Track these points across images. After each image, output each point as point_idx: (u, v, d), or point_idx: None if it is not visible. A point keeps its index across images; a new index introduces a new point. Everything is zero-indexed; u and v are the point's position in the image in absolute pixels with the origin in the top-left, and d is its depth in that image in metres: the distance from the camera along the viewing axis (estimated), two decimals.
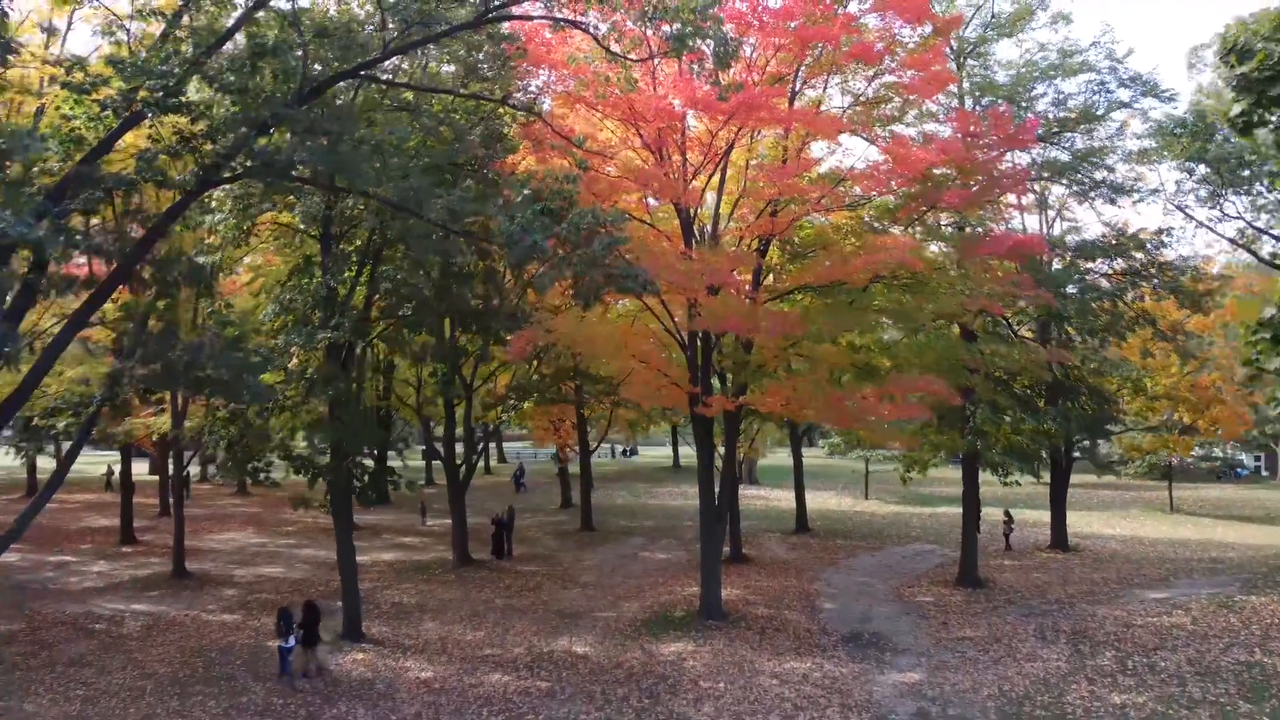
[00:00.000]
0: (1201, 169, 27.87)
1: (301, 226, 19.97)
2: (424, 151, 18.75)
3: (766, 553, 33.45)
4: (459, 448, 31.62)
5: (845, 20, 20.65)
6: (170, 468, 33.33)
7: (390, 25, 13.69)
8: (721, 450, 25.56)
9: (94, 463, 62.60)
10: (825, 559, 32.37)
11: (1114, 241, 25.49)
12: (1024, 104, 25.73)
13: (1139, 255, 24.90)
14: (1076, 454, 30.65)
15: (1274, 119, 14.56)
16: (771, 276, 23.48)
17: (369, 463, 23.39)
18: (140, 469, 55.09)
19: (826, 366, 21.05)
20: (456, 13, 13.68)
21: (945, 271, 19.76)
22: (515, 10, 14.68)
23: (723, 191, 22.77)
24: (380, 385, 38.92)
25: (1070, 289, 23.86)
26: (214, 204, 18.68)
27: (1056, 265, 27.17)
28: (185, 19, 14.99)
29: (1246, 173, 27.17)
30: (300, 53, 13.15)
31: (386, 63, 17.61)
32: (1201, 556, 32.02)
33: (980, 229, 22.19)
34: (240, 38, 15.23)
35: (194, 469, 55.62)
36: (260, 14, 13.94)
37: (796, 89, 22.71)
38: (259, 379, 15.05)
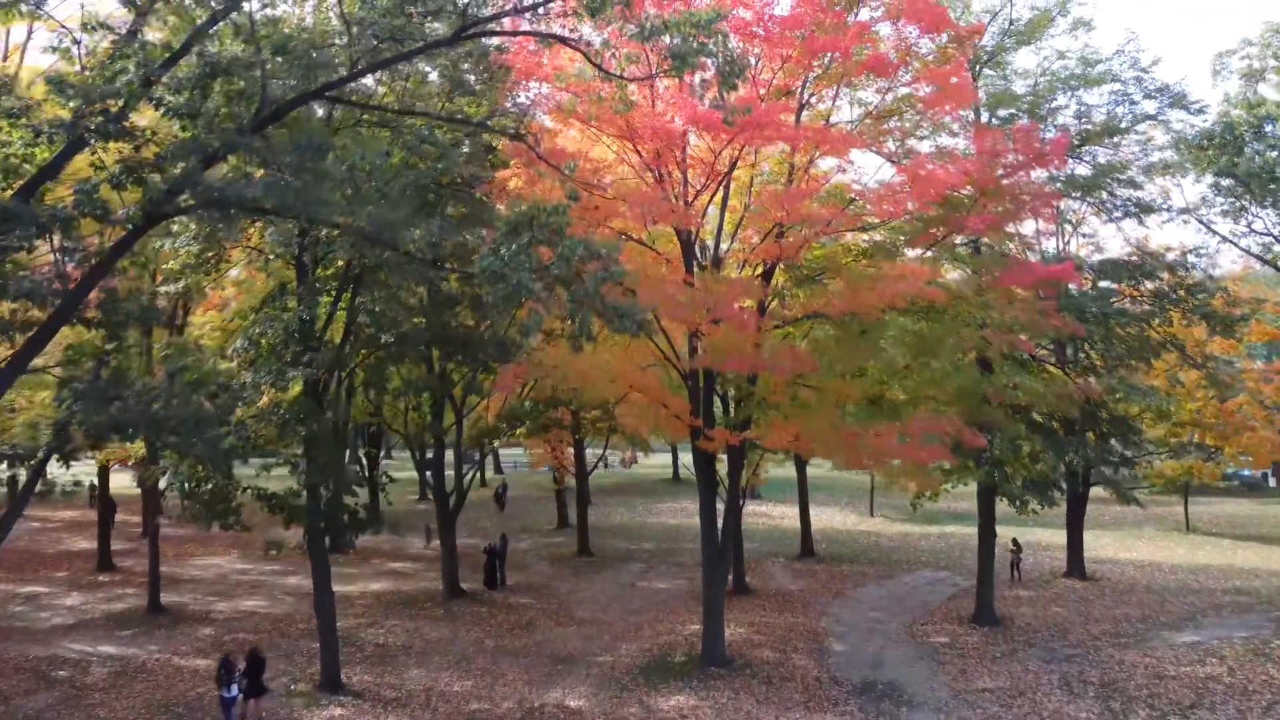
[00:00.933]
0: (1228, 182, 26.54)
1: (272, 255, 18.59)
2: (406, 171, 17.37)
3: (771, 582, 32.05)
4: (450, 462, 30.21)
5: (858, 29, 19.27)
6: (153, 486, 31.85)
7: (361, 41, 12.30)
8: (724, 468, 24.03)
9: (85, 474, 61.28)
10: (832, 589, 30.97)
11: (1139, 261, 24.07)
12: (1044, 115, 24.34)
13: (1165, 276, 23.47)
14: (1095, 482, 29.15)
15: None
16: (778, 301, 22.09)
17: (354, 494, 21.88)
18: (127, 480, 53.74)
19: (836, 397, 19.66)
20: (433, 27, 12.30)
21: (967, 300, 18.37)
22: (497, 26, 13.28)
23: (725, 209, 21.39)
24: (369, 405, 37.46)
25: (1092, 308, 22.37)
26: (176, 228, 17.28)
27: (1072, 286, 25.77)
28: (140, 33, 13.64)
29: (1274, 186, 25.79)
30: (259, 72, 11.73)
31: (364, 78, 16.23)
32: (1226, 587, 30.62)
33: (998, 249, 20.78)
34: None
35: None
36: (220, 26, 12.52)
37: (804, 100, 21.32)
38: (218, 431, 13.67)
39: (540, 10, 12.48)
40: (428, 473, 31.12)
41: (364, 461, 44.44)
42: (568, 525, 44.25)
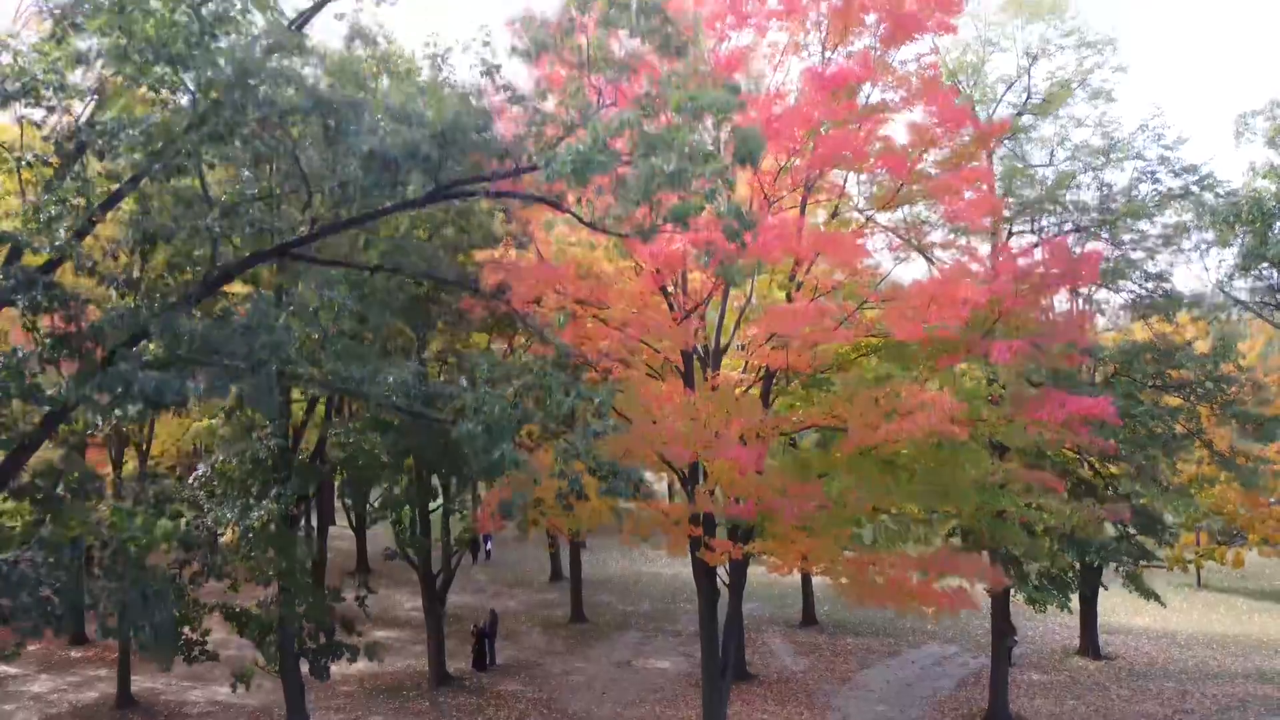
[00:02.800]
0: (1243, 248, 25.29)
1: None
2: (380, 286, 16.04)
3: (772, 662, 30.71)
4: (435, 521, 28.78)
5: (871, 126, 17.98)
6: None
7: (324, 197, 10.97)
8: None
9: None
10: (837, 670, 29.65)
11: (1161, 347, 22.72)
12: (1068, 192, 23.08)
13: (1191, 369, 22.12)
14: (1105, 560, 27.84)
15: None
16: (779, 400, 20.80)
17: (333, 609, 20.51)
18: None
19: (846, 510, 18.34)
20: (403, 189, 10.94)
21: (988, 424, 17.09)
22: (474, 186, 11.90)
23: (726, 307, 20.04)
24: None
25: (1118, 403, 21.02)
26: None
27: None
28: (82, 163, 12.29)
29: None
30: (206, 236, 10.38)
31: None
32: (1247, 669, 29.40)
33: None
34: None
35: None
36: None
37: (811, 183, 19.97)
38: (170, 611, 12.33)
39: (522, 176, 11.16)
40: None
41: (350, 511, 42.91)
42: (561, 578, 42.92)
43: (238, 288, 15.44)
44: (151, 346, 10.65)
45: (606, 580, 44.23)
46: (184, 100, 10.23)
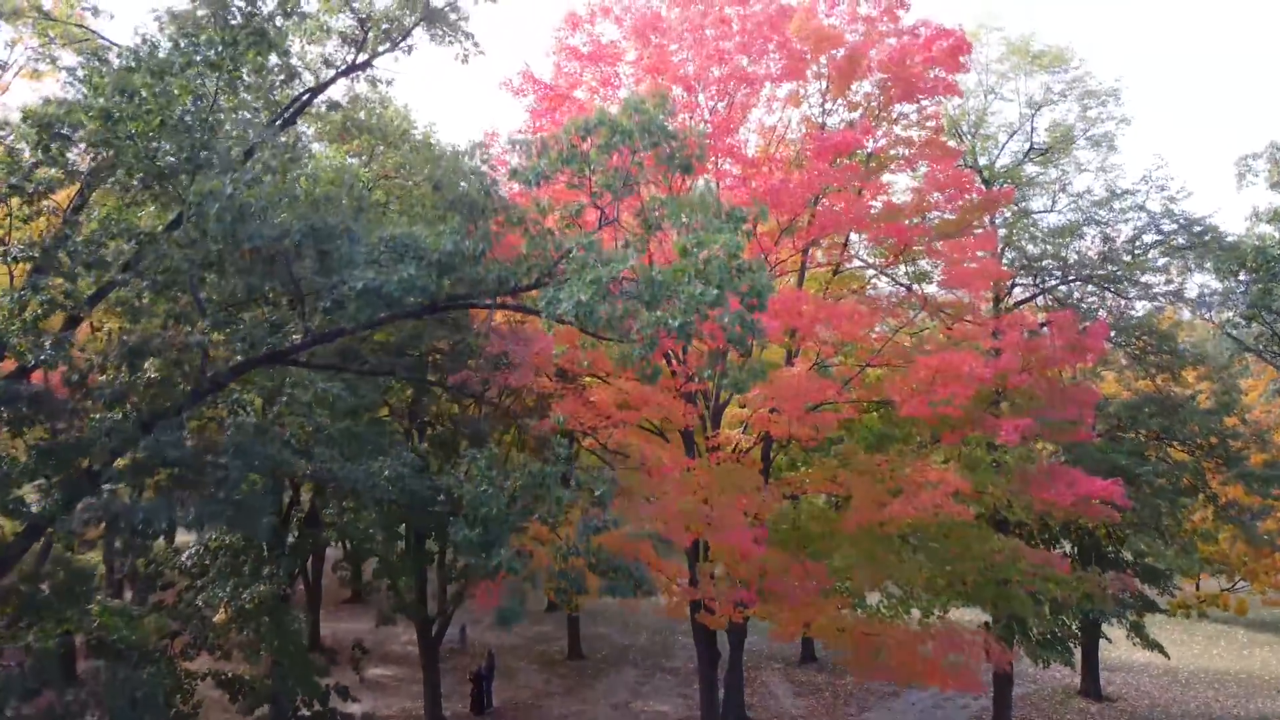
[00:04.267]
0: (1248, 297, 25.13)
1: None
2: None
3: (770, 704, 30.44)
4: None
5: (874, 190, 17.77)
6: None
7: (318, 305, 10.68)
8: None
9: None
10: (836, 712, 29.39)
11: (1167, 404, 22.47)
12: (1072, 241, 22.90)
13: (1196, 422, 21.89)
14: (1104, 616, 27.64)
15: None
16: (779, 456, 20.58)
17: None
18: None
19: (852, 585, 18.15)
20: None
21: (995, 497, 16.86)
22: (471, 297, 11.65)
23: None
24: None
25: (1122, 461, 20.83)
26: None
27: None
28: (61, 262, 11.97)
29: None
30: (198, 348, 10.10)
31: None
32: (1250, 712, 29.24)
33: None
34: None
35: None
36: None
37: (811, 245, 19.72)
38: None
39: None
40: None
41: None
42: (557, 608, 42.54)
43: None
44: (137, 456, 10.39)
45: (603, 609, 43.80)
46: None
